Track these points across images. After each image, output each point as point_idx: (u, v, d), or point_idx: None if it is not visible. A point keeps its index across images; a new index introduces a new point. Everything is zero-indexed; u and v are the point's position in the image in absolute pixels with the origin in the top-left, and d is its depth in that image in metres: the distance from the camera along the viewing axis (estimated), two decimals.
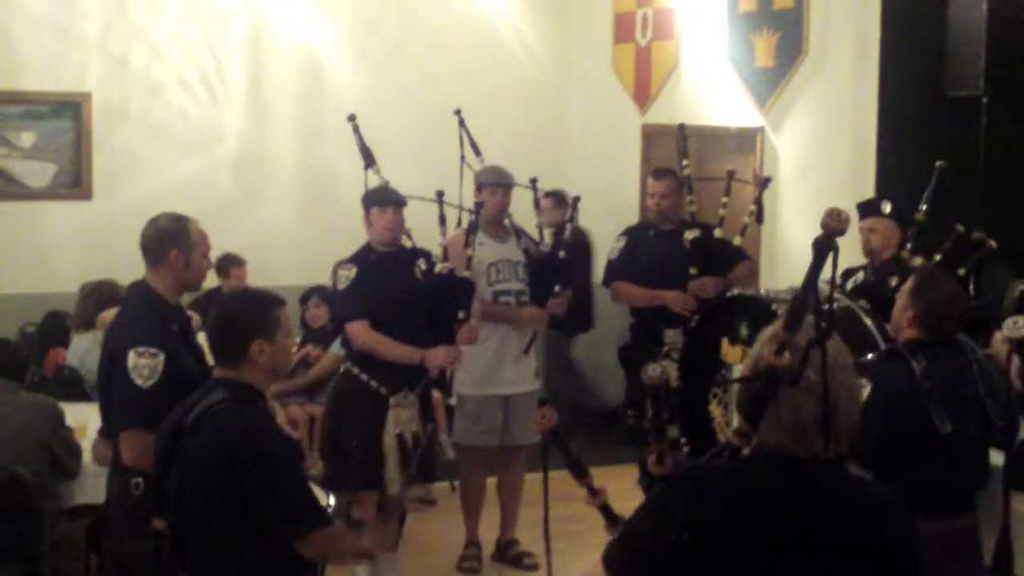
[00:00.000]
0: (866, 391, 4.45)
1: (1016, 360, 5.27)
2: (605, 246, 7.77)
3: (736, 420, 2.70)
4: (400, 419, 6.49)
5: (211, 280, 6.06)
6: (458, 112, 7.39)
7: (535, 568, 7.09)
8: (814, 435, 2.59)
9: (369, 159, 7.01)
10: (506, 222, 7.35)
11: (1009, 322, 4.44)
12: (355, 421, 6.50)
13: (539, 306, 7.28)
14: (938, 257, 6.50)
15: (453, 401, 7.52)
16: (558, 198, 8.77)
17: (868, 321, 5.93)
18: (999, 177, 7.47)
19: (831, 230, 2.53)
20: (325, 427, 6.85)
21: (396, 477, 6.47)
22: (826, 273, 2.61)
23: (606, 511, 3.08)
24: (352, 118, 7.07)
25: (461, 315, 6.61)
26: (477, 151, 7.33)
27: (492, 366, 7.26)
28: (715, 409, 6.26)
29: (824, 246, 2.54)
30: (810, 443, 2.61)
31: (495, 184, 7.25)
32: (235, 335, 4.04)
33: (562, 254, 7.33)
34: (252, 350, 4.00)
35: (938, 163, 6.86)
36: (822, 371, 2.56)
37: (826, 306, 2.58)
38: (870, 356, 5.02)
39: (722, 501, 2.63)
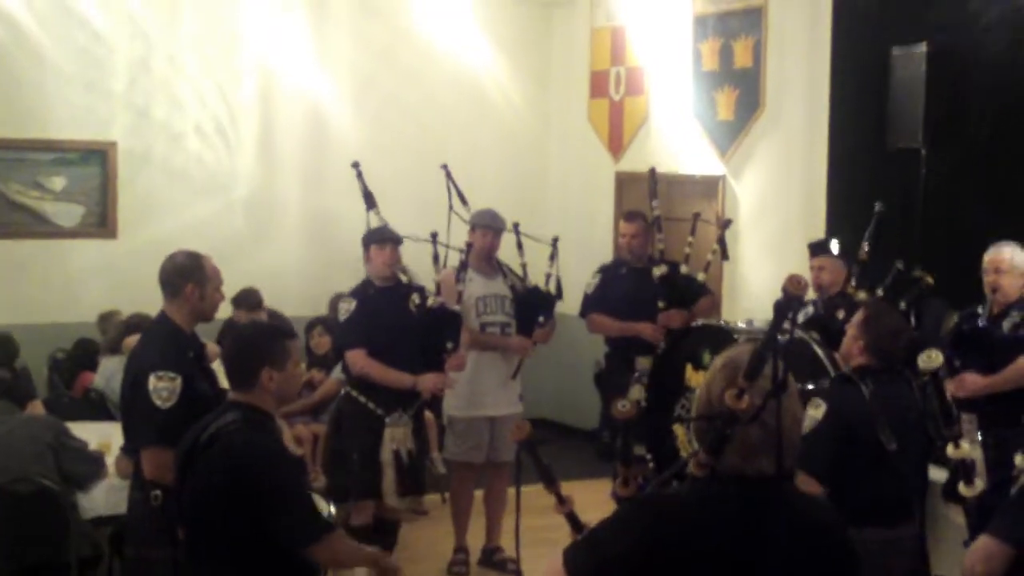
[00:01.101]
0: (821, 410, 4.48)
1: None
2: (582, 282, 7.77)
3: (697, 449, 2.70)
4: (396, 437, 6.51)
5: (224, 311, 6.03)
6: (444, 166, 7.36)
7: (518, 573, 7.07)
8: (762, 456, 2.60)
9: (371, 202, 6.99)
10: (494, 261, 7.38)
11: (923, 356, 4.49)
12: (354, 439, 6.52)
13: (525, 336, 7.29)
14: (880, 291, 6.54)
15: (444, 421, 7.53)
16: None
17: (819, 351, 5.96)
18: (936, 221, 7.50)
19: (791, 295, 2.55)
20: (327, 444, 6.87)
21: (391, 489, 6.48)
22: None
23: (572, 518, 3.08)
24: (356, 165, 7.05)
25: (450, 345, 6.63)
26: (464, 200, 7.33)
27: (479, 390, 7.26)
28: (679, 429, 6.27)
29: (785, 308, 2.55)
30: (759, 464, 2.61)
31: (486, 227, 7.28)
32: (248, 362, 4.04)
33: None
34: (263, 377, 4.01)
35: (876, 206, 6.91)
36: (777, 417, 2.57)
37: (784, 362, 2.59)
38: (825, 382, 5.05)
39: (683, 521, 2.62)
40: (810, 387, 5.07)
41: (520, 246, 7.36)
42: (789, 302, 2.54)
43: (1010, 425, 5.86)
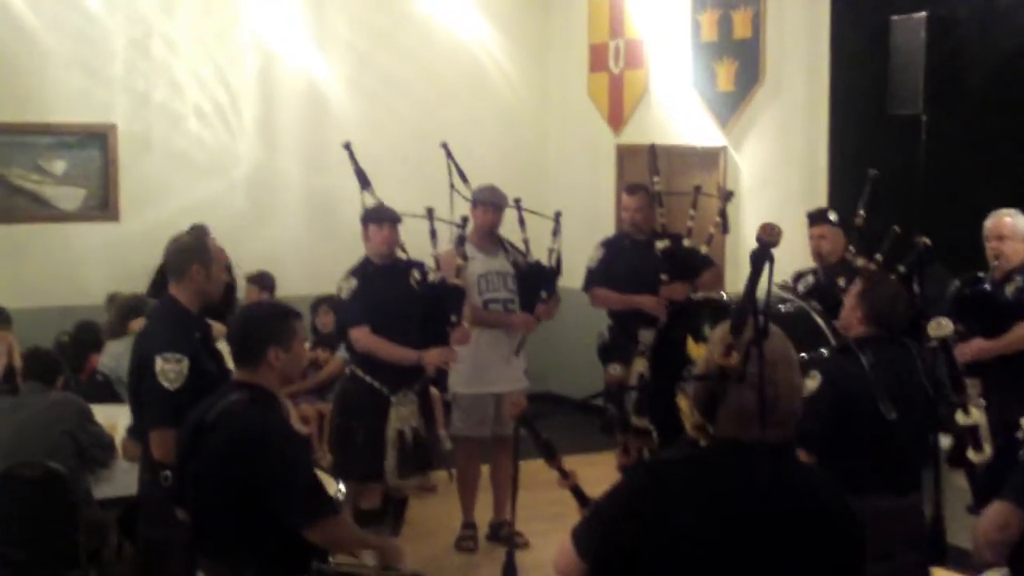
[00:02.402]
0: (816, 381, 4.49)
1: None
2: (584, 256, 7.78)
3: (695, 415, 2.71)
4: (401, 415, 6.53)
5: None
6: (444, 145, 7.35)
7: (526, 546, 7.09)
8: (756, 422, 2.61)
9: (364, 182, 6.95)
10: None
11: (933, 323, 4.49)
12: (360, 417, 6.54)
13: (528, 312, 7.31)
14: (879, 256, 6.55)
15: (449, 398, 7.56)
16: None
17: (819, 320, 5.97)
18: (938, 188, 7.50)
19: (765, 243, 2.56)
20: (333, 423, 6.88)
21: (396, 468, 6.51)
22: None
23: (577, 492, 3.09)
24: (347, 145, 7.00)
25: (453, 319, 6.65)
26: (464, 178, 7.33)
27: (483, 367, 7.28)
28: (682, 401, 6.27)
29: (760, 257, 2.55)
30: (753, 429, 2.62)
31: (488, 203, 7.30)
32: (255, 342, 4.05)
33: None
34: (269, 356, 4.02)
35: (870, 172, 6.90)
36: (759, 365, 2.57)
37: (763, 310, 2.59)
38: (823, 351, 5.05)
39: (680, 486, 2.63)
40: (803, 356, 5.07)
41: (522, 222, 7.37)
42: (764, 250, 2.55)
43: (1014, 389, 5.89)
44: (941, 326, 4.41)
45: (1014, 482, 3.51)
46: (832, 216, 7.03)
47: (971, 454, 4.28)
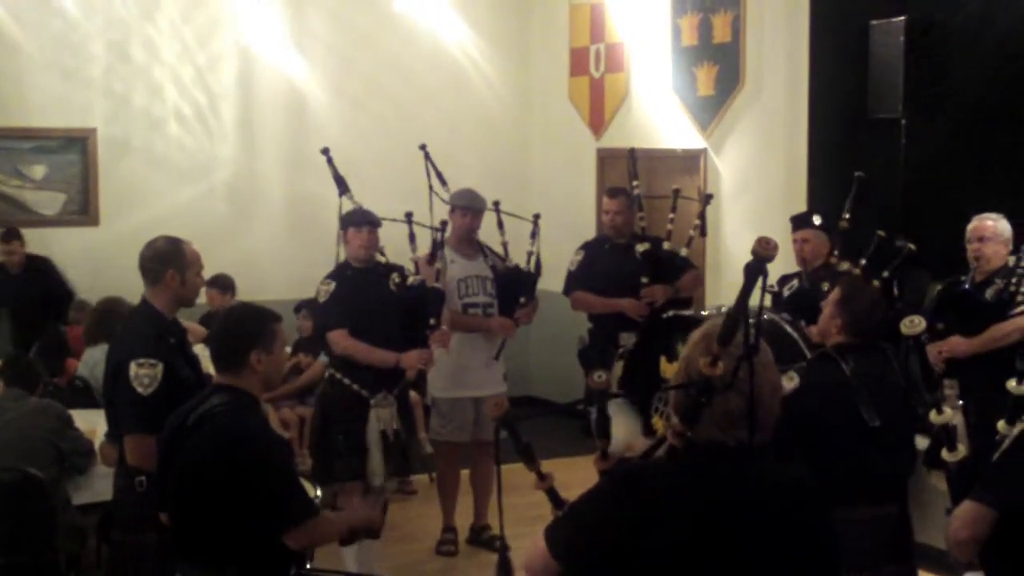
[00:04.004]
0: (794, 382, 4.48)
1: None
2: (565, 260, 7.76)
3: (674, 421, 2.69)
4: (381, 418, 6.51)
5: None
6: (423, 147, 7.33)
7: (507, 549, 7.05)
8: (741, 425, 2.59)
9: (343, 187, 6.91)
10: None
11: (905, 321, 4.49)
12: (340, 421, 6.51)
13: (507, 316, 7.29)
14: (863, 261, 6.55)
15: (429, 402, 7.53)
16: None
17: (790, 331, 5.94)
18: (918, 191, 7.52)
19: (761, 257, 2.53)
20: (313, 427, 6.85)
21: (378, 470, 6.48)
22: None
23: (552, 495, 3.07)
24: (326, 151, 6.96)
25: (432, 321, 6.62)
26: (443, 181, 7.31)
27: (463, 371, 7.26)
28: (658, 422, 6.23)
29: (755, 271, 2.53)
30: (737, 433, 2.60)
31: (466, 207, 7.27)
32: (238, 345, 4.02)
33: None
34: (252, 359, 3.99)
35: (856, 174, 6.91)
36: (750, 381, 2.56)
37: (755, 325, 2.58)
38: (804, 364, 5.03)
39: (660, 490, 2.62)
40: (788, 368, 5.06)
41: (501, 225, 7.35)
42: (759, 264, 2.53)
43: (992, 391, 5.87)
44: (914, 324, 4.40)
45: (984, 482, 3.52)
46: (816, 220, 7.02)
47: (945, 454, 4.27)
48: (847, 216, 6.83)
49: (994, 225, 6.47)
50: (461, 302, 7.22)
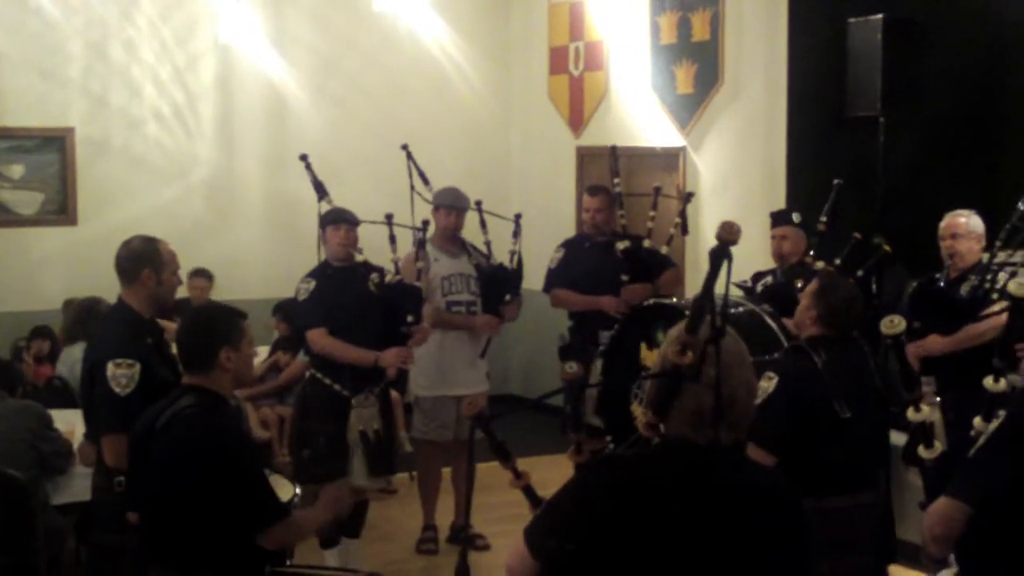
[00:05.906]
0: (773, 382, 4.50)
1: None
2: (546, 258, 7.77)
3: (647, 414, 2.70)
4: (362, 417, 6.50)
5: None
6: (405, 147, 7.30)
7: (487, 548, 7.07)
8: (712, 424, 2.60)
9: (321, 192, 6.87)
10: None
11: (886, 321, 4.52)
12: (321, 420, 6.49)
13: (492, 314, 7.29)
14: (838, 261, 6.59)
15: (410, 400, 7.52)
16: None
17: (770, 322, 5.98)
18: (895, 189, 7.54)
19: (725, 241, 2.54)
20: (294, 426, 6.83)
21: (360, 470, 6.48)
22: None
23: (528, 492, 3.08)
24: (304, 157, 6.88)
25: (411, 319, 6.61)
26: (425, 180, 7.30)
27: (446, 369, 7.26)
28: (636, 409, 6.26)
29: (719, 255, 2.54)
30: (708, 431, 2.61)
31: (449, 206, 7.27)
32: (207, 344, 4.02)
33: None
34: (221, 357, 4.00)
35: (835, 181, 6.97)
36: (716, 365, 2.56)
37: (721, 309, 2.58)
38: (776, 355, 5.06)
39: (632, 485, 2.63)
40: (766, 359, 5.08)
41: (483, 224, 7.35)
42: (723, 248, 2.54)
43: (968, 388, 5.90)
44: (894, 324, 4.44)
45: (959, 478, 3.53)
46: (795, 217, 7.06)
47: (922, 451, 4.30)
48: (823, 219, 6.89)
49: (966, 222, 6.50)
50: (445, 300, 7.22)
